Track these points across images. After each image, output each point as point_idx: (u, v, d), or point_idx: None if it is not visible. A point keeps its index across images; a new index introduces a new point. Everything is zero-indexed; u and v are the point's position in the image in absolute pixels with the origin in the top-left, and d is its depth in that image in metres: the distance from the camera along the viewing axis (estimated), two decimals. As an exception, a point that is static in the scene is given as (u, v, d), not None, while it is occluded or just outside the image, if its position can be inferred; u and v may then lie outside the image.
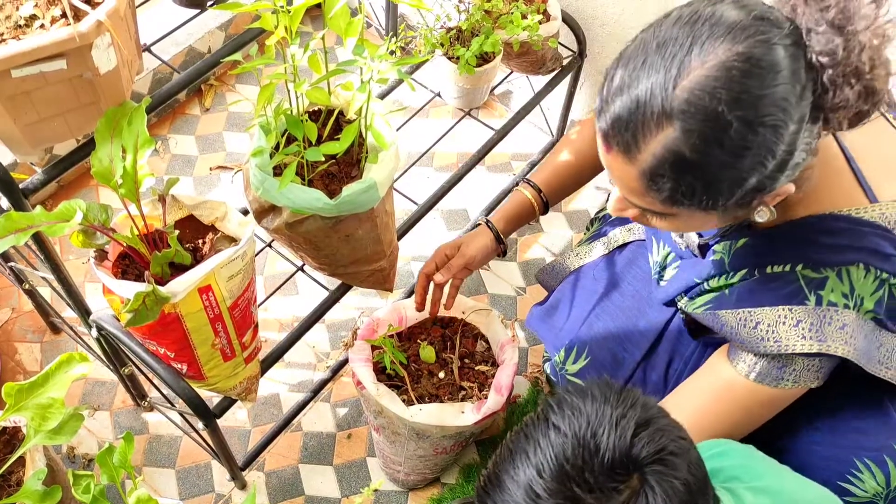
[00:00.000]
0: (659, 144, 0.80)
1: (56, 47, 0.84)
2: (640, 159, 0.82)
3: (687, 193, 0.83)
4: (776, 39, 0.77)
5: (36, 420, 1.10)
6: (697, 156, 0.79)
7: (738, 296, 1.01)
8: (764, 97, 0.77)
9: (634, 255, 1.29)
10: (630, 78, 0.81)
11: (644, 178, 0.84)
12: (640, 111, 0.80)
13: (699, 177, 0.81)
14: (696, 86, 0.77)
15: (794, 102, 0.78)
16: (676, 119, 0.78)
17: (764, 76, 0.76)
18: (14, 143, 0.94)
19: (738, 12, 0.79)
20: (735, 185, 0.81)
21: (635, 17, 1.67)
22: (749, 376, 1.03)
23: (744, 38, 0.77)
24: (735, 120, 0.77)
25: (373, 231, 1.20)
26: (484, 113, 2.08)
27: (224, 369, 1.18)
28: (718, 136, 0.78)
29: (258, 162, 1.09)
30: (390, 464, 1.44)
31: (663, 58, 0.79)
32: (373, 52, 1.02)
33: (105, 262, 1.05)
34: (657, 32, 0.81)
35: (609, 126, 0.84)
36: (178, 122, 2.01)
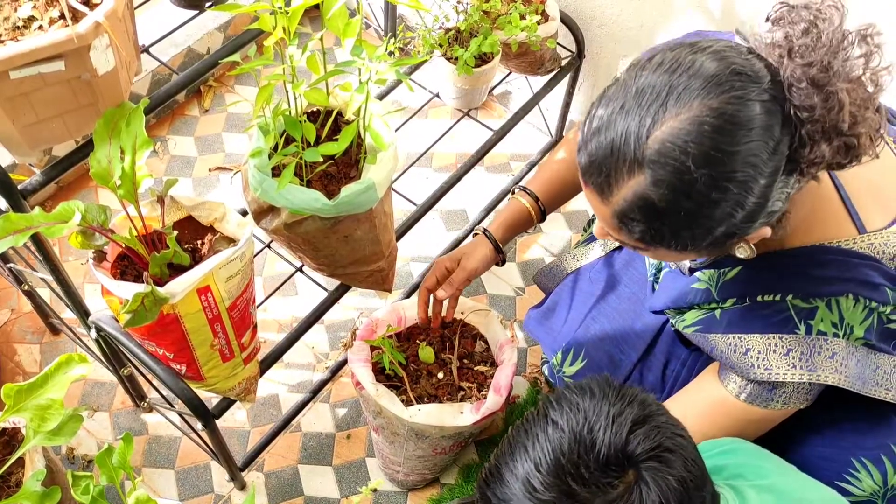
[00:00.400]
0: (630, 190, 0.82)
1: (54, 48, 0.84)
2: (613, 201, 0.84)
3: (656, 237, 0.85)
4: (752, 95, 0.78)
5: (35, 421, 1.10)
6: (666, 205, 0.81)
7: (729, 321, 1.02)
8: (733, 154, 0.77)
9: (632, 257, 1.30)
10: (608, 120, 0.82)
11: (616, 219, 0.86)
12: (613, 156, 0.82)
13: (668, 223, 0.83)
14: (667, 138, 0.79)
15: (766, 158, 0.78)
16: (647, 168, 0.80)
17: (735, 133, 0.77)
18: (13, 144, 0.95)
19: (718, 65, 0.79)
20: (703, 232, 0.83)
21: (633, 18, 1.67)
22: (739, 397, 1.05)
23: (719, 93, 0.78)
24: (703, 175, 0.78)
25: (371, 231, 1.20)
26: (482, 113, 2.08)
27: (223, 370, 1.18)
28: (686, 189, 0.79)
29: (257, 163, 1.10)
30: (389, 464, 1.44)
31: (640, 105, 0.80)
32: (371, 53, 1.02)
33: (104, 263, 1.05)
34: (638, 76, 0.82)
35: (586, 165, 0.86)
36: (177, 123, 2.01)
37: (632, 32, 1.70)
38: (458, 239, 1.74)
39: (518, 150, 2.03)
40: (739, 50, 0.81)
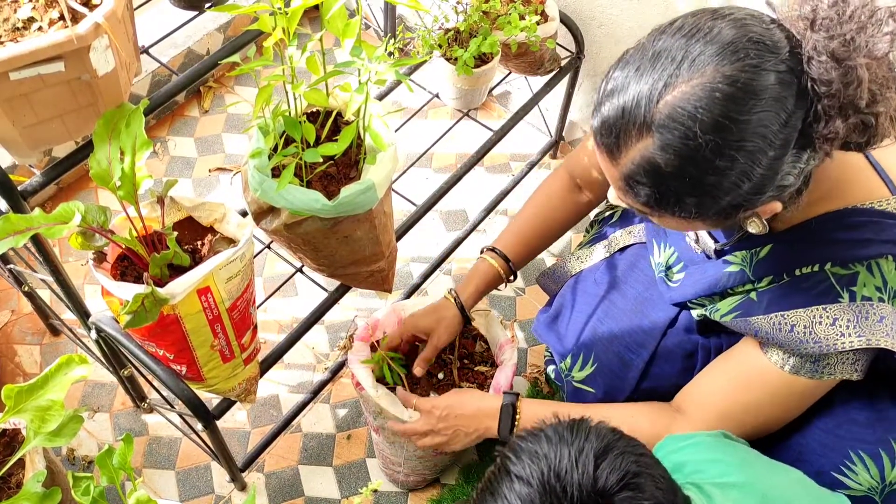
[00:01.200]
0: (638, 153, 0.83)
1: (54, 49, 0.84)
2: (621, 163, 0.85)
3: (662, 202, 0.85)
4: (768, 65, 0.77)
5: (35, 422, 1.10)
6: (672, 169, 0.81)
7: (769, 301, 1.01)
8: (743, 122, 0.77)
9: (636, 258, 1.29)
10: (622, 83, 0.83)
11: (623, 181, 0.87)
12: (624, 118, 0.82)
13: (673, 189, 0.83)
14: (678, 102, 0.79)
15: (777, 130, 0.78)
16: (656, 132, 0.80)
17: (746, 101, 0.77)
18: (13, 145, 0.95)
19: (736, 32, 0.79)
20: (709, 200, 0.83)
21: (633, 18, 1.67)
22: (784, 368, 1.03)
23: (734, 60, 0.78)
24: (710, 141, 0.78)
25: (371, 232, 1.20)
26: (482, 114, 2.08)
27: (223, 370, 1.18)
28: (692, 155, 0.79)
29: (256, 163, 1.10)
30: (390, 464, 1.44)
31: (654, 68, 0.81)
32: (370, 54, 1.02)
33: (104, 264, 1.05)
34: (657, 40, 0.83)
35: (598, 127, 0.86)
36: (177, 124, 2.01)
37: (631, 32, 1.70)
38: (459, 239, 1.74)
39: (518, 151, 2.03)
40: (762, 19, 0.81)
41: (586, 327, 1.30)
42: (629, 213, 1.37)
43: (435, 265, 1.71)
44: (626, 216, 1.37)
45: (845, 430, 1.07)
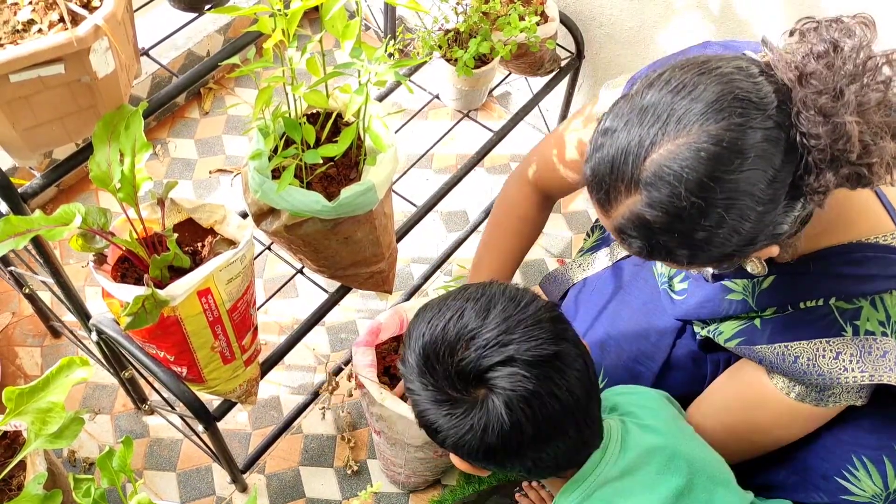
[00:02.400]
0: (626, 208, 0.83)
1: (54, 52, 0.84)
2: (612, 216, 0.86)
3: (654, 254, 0.86)
4: (754, 123, 0.76)
5: (36, 424, 1.10)
6: (661, 225, 0.81)
7: (772, 330, 1.01)
8: (729, 182, 0.77)
9: (639, 267, 1.28)
10: (611, 136, 0.83)
11: (616, 232, 0.87)
12: (612, 174, 0.82)
13: (663, 243, 0.83)
14: (664, 161, 0.78)
15: (764, 187, 0.77)
16: (643, 189, 0.80)
17: (731, 160, 0.76)
18: (13, 147, 0.95)
19: (721, 89, 0.77)
20: (700, 253, 0.83)
21: (633, 18, 1.67)
22: (789, 395, 1.04)
23: (719, 119, 0.77)
24: (696, 202, 0.78)
25: (371, 233, 1.20)
26: (482, 114, 2.08)
27: (224, 372, 1.18)
28: (679, 213, 0.79)
29: (256, 165, 1.10)
30: (391, 466, 1.44)
31: (641, 124, 0.80)
32: (370, 55, 1.02)
33: (104, 266, 1.05)
34: (645, 93, 0.82)
35: (590, 179, 0.87)
36: (178, 126, 2.01)
37: (631, 33, 1.70)
38: (459, 240, 1.74)
39: (518, 151, 2.03)
40: (749, 72, 0.79)
41: (593, 341, 1.28)
42: None
43: (435, 266, 1.71)
44: None
45: (849, 434, 1.07)
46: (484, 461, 0.89)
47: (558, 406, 0.85)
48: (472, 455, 0.89)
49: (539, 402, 0.84)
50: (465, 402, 0.85)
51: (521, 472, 0.92)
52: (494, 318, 0.86)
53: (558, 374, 0.85)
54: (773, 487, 1.14)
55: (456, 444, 0.88)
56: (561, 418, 0.86)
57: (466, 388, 0.85)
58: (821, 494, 1.08)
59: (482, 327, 0.85)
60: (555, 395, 0.84)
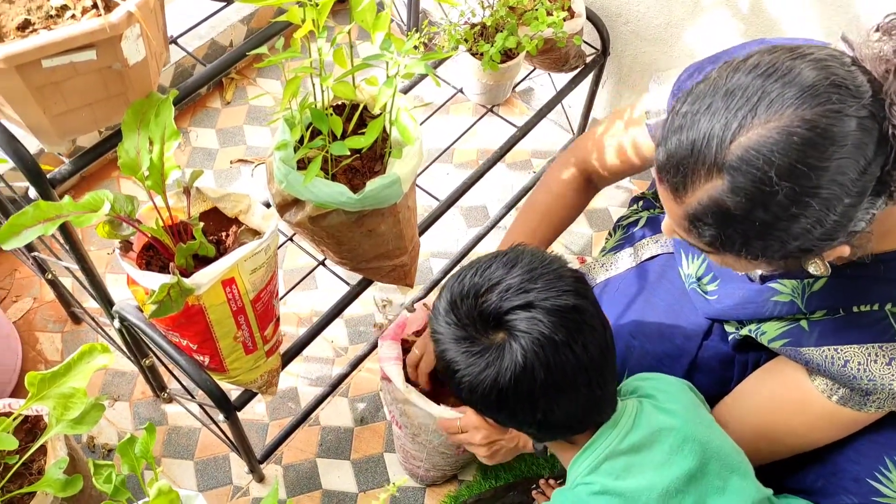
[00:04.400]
0: (705, 193, 0.79)
1: (87, 38, 0.84)
2: (686, 202, 0.82)
3: (727, 244, 0.82)
4: (850, 111, 0.74)
5: (58, 409, 1.11)
6: (741, 213, 0.78)
7: (821, 333, 0.99)
8: (820, 169, 0.74)
9: (664, 268, 1.26)
10: (692, 119, 0.79)
11: (687, 220, 0.83)
12: (693, 157, 0.79)
13: (741, 232, 0.80)
14: (752, 145, 0.75)
15: (855, 178, 0.75)
16: (727, 173, 0.77)
17: (825, 148, 0.73)
18: (42, 133, 0.95)
19: (817, 74, 0.75)
20: (777, 245, 0.80)
21: (660, 15, 1.66)
22: (831, 398, 1.01)
23: (814, 104, 0.74)
24: (785, 188, 0.75)
25: (395, 226, 1.20)
26: (503, 110, 2.07)
27: (245, 362, 1.18)
28: (765, 200, 0.76)
29: (282, 155, 1.09)
30: (410, 459, 1.44)
31: (728, 107, 0.77)
32: (399, 47, 1.02)
33: (130, 254, 1.05)
34: (730, 77, 0.79)
35: (663, 162, 0.83)
36: (199, 115, 2.01)
37: (658, 30, 1.68)
38: (479, 235, 1.73)
39: (539, 147, 2.02)
40: (842, 60, 0.77)
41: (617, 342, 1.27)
42: (656, 220, 1.35)
43: (455, 261, 1.71)
44: (652, 222, 1.35)
45: (885, 436, 1.05)
46: (497, 408, 0.94)
47: (572, 357, 0.89)
48: (485, 399, 0.93)
49: (553, 349, 0.88)
50: (483, 342, 0.91)
51: (532, 428, 0.96)
52: (519, 269, 0.92)
53: (575, 326, 0.89)
54: (801, 491, 1.12)
55: (471, 387, 0.92)
56: (573, 371, 0.89)
57: (486, 330, 0.91)
58: (851, 497, 1.06)
59: (507, 275, 0.91)
60: (569, 346, 0.88)
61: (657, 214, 1.35)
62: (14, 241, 0.84)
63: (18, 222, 0.84)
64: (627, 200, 1.96)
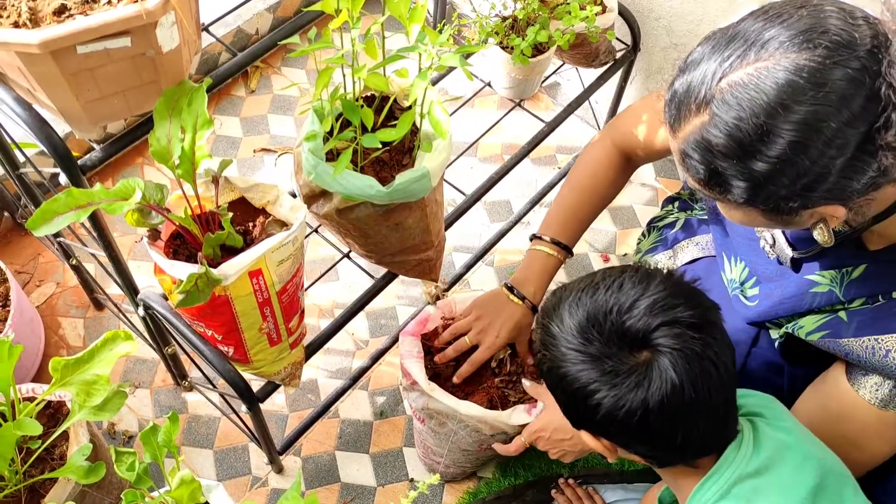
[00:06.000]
0: (693, 127, 0.83)
1: (122, 24, 0.84)
2: (679, 136, 0.85)
3: (711, 181, 0.85)
4: (839, 59, 0.74)
5: (81, 396, 1.11)
6: (722, 149, 0.81)
7: (860, 323, 0.98)
8: (797, 111, 0.75)
9: (706, 273, 1.24)
10: (696, 59, 0.83)
11: (679, 154, 0.87)
12: (688, 92, 0.83)
13: (722, 169, 0.82)
14: (738, 81, 0.78)
15: (835, 127, 0.75)
16: (713, 108, 0.80)
17: (804, 91, 0.75)
18: (75, 119, 0.94)
19: (814, 21, 0.76)
20: (756, 187, 0.81)
21: (694, 12, 1.63)
22: (872, 402, 1.00)
23: (804, 48, 0.75)
24: (761, 126, 0.77)
25: (422, 220, 1.18)
26: (529, 104, 2.05)
27: (269, 354, 1.17)
28: (741, 137, 0.78)
29: (311, 146, 1.08)
30: (430, 455, 1.43)
31: (727, 48, 0.80)
32: (434, 40, 1.00)
33: (157, 242, 1.05)
34: (742, 21, 0.82)
35: (668, 100, 0.87)
36: (224, 104, 2.01)
37: (691, 26, 1.66)
38: (503, 230, 1.72)
39: (564, 143, 2.00)
40: (851, 14, 0.77)
41: None
42: (692, 221, 1.33)
43: (478, 256, 1.69)
44: (688, 224, 1.33)
45: None
46: (637, 429, 0.87)
47: (715, 373, 0.86)
48: (626, 421, 0.86)
49: (700, 366, 0.84)
50: (627, 364, 0.86)
51: (665, 452, 0.92)
52: (657, 286, 0.87)
53: (716, 342, 0.86)
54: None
55: (610, 411, 0.86)
56: (717, 387, 0.86)
57: (630, 351, 0.86)
58: None
59: (644, 293, 0.87)
60: (713, 362, 0.85)
61: (694, 216, 1.33)
62: (45, 228, 0.84)
63: (51, 209, 0.84)
64: (652, 198, 1.94)
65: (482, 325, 1.26)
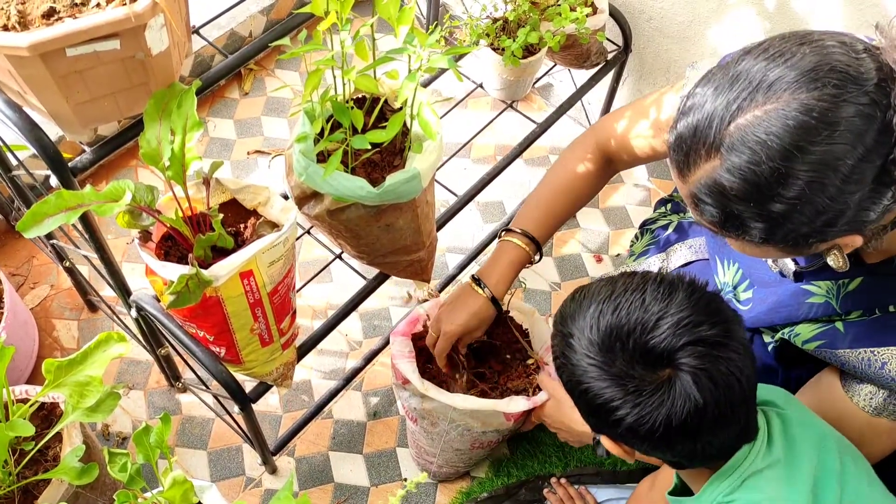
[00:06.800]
0: (705, 173, 0.81)
1: (111, 27, 0.84)
2: (690, 181, 0.84)
3: (727, 224, 0.84)
4: (848, 97, 0.74)
5: (74, 397, 1.11)
6: (737, 193, 0.79)
7: (856, 334, 0.98)
8: (813, 153, 0.74)
9: (700, 276, 1.25)
10: (700, 101, 0.81)
11: (691, 198, 0.86)
12: (696, 137, 0.81)
13: (738, 212, 0.81)
14: (749, 126, 0.77)
15: (852, 164, 0.74)
16: (724, 153, 0.79)
17: (819, 132, 0.74)
18: (65, 122, 0.95)
19: (819, 59, 0.75)
20: (775, 228, 0.81)
21: (684, 12, 1.64)
22: (866, 409, 1.01)
23: (812, 88, 0.74)
24: (777, 169, 0.76)
25: (413, 221, 1.19)
26: (522, 106, 2.06)
27: (261, 354, 1.18)
28: (758, 181, 0.77)
29: (302, 148, 1.09)
30: (424, 455, 1.44)
31: (731, 89, 0.79)
32: (423, 41, 1.01)
33: (149, 244, 1.05)
34: (741, 61, 0.80)
35: (673, 143, 0.85)
36: (217, 106, 2.01)
37: (682, 28, 1.66)
38: (495, 231, 1.72)
39: (557, 144, 2.01)
40: (853, 47, 0.76)
41: None
42: (685, 224, 1.33)
43: (471, 256, 1.70)
44: (681, 227, 1.33)
45: None
46: (658, 442, 0.87)
47: (738, 388, 0.84)
48: (648, 436, 0.86)
49: (724, 383, 0.83)
50: (651, 381, 0.84)
51: (679, 457, 0.91)
52: (680, 303, 0.85)
53: (738, 356, 0.85)
54: None
55: (633, 426, 0.85)
56: (739, 401, 0.85)
57: (653, 368, 0.84)
58: None
59: (668, 310, 0.85)
60: (736, 377, 0.84)
61: (687, 218, 1.33)
62: (36, 230, 0.84)
63: (41, 211, 0.84)
64: (645, 199, 1.95)
65: (441, 315, 1.27)
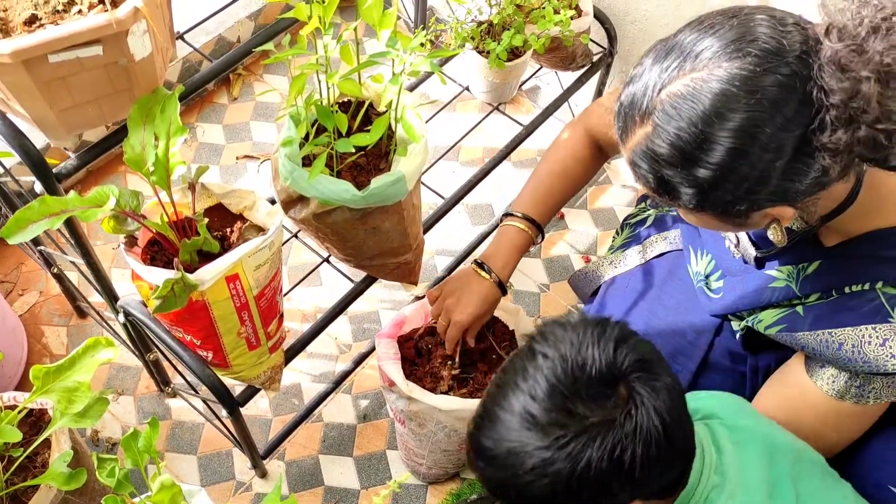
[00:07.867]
0: (639, 139, 0.86)
1: (93, 33, 0.85)
2: (628, 147, 0.88)
3: (661, 189, 0.87)
4: (769, 66, 0.77)
5: (62, 403, 1.11)
6: (666, 157, 0.83)
7: (815, 317, 1.00)
8: (732, 120, 0.78)
9: (674, 266, 1.26)
10: (640, 71, 0.86)
11: (630, 164, 0.90)
12: (633, 104, 0.85)
13: (669, 178, 0.85)
14: (675, 93, 0.80)
15: (770, 132, 0.77)
16: (654, 119, 0.83)
17: (737, 99, 0.77)
18: (49, 128, 0.95)
19: (744, 30, 0.79)
20: (702, 194, 0.84)
21: (669, 14, 1.65)
22: (829, 393, 1.02)
23: (734, 57, 0.78)
24: (699, 135, 0.79)
25: (399, 224, 1.20)
26: (510, 108, 2.07)
27: (249, 358, 1.18)
28: (682, 146, 0.81)
29: (287, 152, 1.09)
30: (413, 456, 1.44)
31: (665, 60, 0.82)
32: (406, 45, 1.02)
33: (134, 249, 1.05)
34: (679, 33, 0.84)
35: (616, 112, 0.89)
36: (206, 111, 2.02)
37: (666, 31, 1.66)
38: (484, 233, 1.73)
39: (544, 145, 2.01)
40: (782, 21, 0.79)
41: None
42: (664, 218, 1.34)
43: (460, 259, 1.71)
44: (659, 221, 1.35)
45: None
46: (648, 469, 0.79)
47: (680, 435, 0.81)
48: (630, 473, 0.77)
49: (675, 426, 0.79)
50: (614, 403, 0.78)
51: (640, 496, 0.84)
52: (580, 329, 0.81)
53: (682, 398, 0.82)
54: None
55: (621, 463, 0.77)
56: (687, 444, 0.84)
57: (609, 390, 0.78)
58: (874, 502, 1.06)
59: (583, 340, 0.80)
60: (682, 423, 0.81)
61: (664, 213, 1.35)
62: (20, 236, 0.84)
63: (24, 217, 0.85)
64: (633, 200, 1.96)
65: (449, 303, 1.26)
